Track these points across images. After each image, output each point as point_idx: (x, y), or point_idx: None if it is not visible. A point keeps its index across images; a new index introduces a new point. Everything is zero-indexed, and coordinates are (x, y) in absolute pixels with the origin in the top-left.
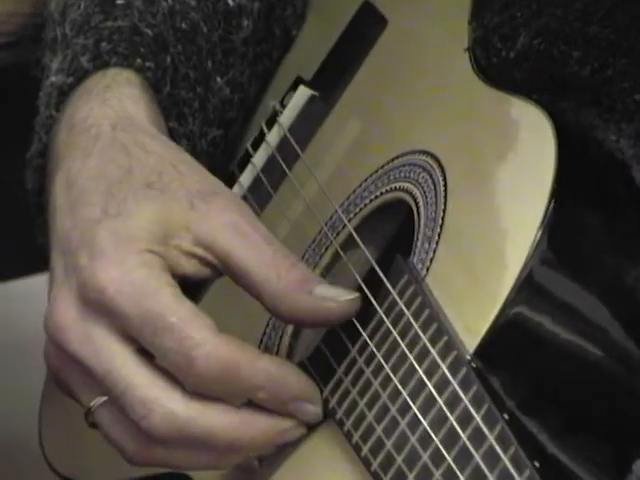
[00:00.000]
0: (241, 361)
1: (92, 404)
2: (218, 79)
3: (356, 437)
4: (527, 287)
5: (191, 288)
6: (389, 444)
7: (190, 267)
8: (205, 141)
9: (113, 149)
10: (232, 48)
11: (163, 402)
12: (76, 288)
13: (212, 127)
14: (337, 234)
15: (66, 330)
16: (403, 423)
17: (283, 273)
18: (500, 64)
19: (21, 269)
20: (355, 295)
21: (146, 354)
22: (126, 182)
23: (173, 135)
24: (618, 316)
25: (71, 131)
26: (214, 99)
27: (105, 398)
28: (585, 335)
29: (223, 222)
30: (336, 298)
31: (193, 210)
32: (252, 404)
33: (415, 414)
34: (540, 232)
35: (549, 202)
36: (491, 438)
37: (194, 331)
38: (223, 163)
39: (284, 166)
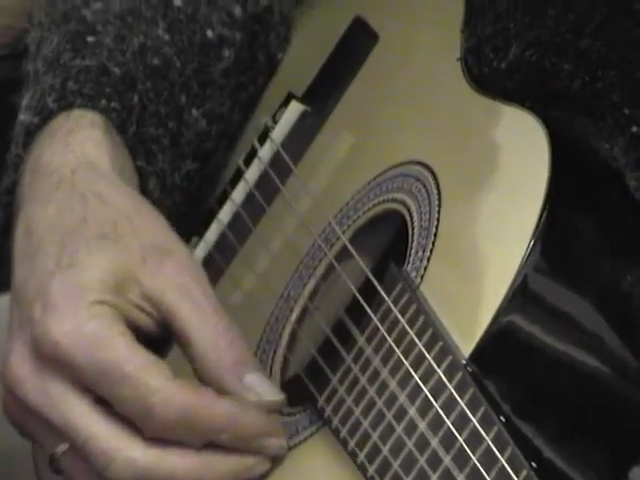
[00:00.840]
0: (200, 405)
1: (55, 451)
2: (194, 111)
3: (352, 444)
4: (521, 294)
5: None
6: (385, 449)
7: (140, 319)
8: (178, 175)
9: (71, 197)
10: (210, 80)
11: (123, 452)
12: (30, 341)
13: (186, 160)
14: (331, 246)
15: (22, 383)
16: (399, 428)
17: (221, 346)
18: (492, 74)
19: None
20: (280, 397)
21: (104, 403)
22: (79, 232)
23: (141, 173)
24: (612, 323)
25: (35, 175)
26: (188, 132)
27: (67, 446)
28: (579, 342)
29: (173, 283)
30: (259, 395)
31: (144, 265)
32: (214, 444)
33: (411, 419)
34: (533, 240)
35: (542, 210)
36: (488, 439)
37: (150, 378)
38: (204, 194)
39: (277, 181)
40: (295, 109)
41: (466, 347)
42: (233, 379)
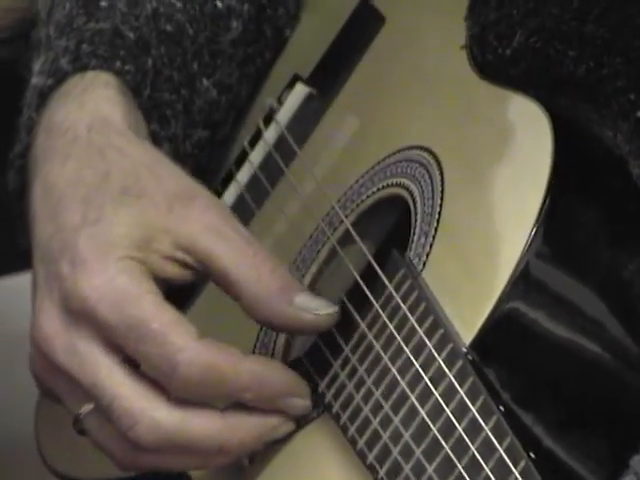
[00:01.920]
0: (224, 364)
1: (80, 412)
2: (204, 81)
3: (352, 430)
4: (523, 281)
5: (182, 292)
6: (385, 437)
7: (172, 271)
8: (190, 143)
9: (90, 153)
10: (219, 50)
11: (148, 412)
12: (59, 298)
13: (197, 129)
14: (334, 230)
15: (51, 341)
16: (399, 416)
17: (263, 276)
18: (496, 62)
19: (16, 264)
20: (334, 309)
21: (132, 363)
22: (103, 187)
23: (155, 138)
24: (614, 310)
25: (49, 134)
26: (199, 101)
27: (92, 406)
28: (581, 330)
29: (202, 224)
30: (314, 311)
31: (171, 213)
32: (239, 405)
33: (411, 407)
34: (536, 227)
35: (545, 197)
36: (487, 429)
37: (176, 337)
38: (214, 164)
39: (281, 163)
40: (300, 91)
41: (467, 335)
42: (283, 305)
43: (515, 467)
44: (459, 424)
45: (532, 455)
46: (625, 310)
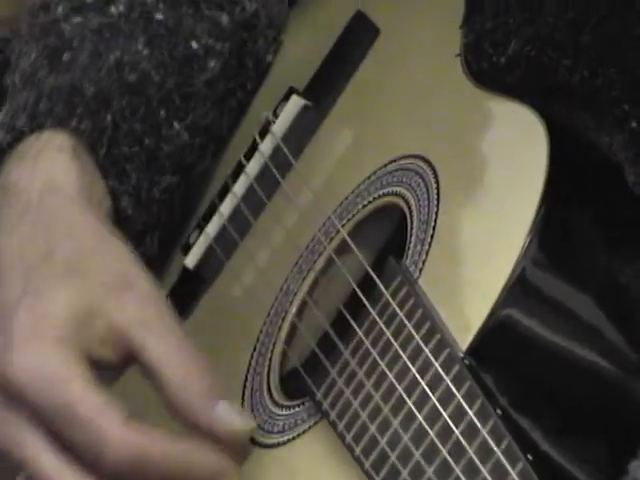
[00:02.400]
0: (152, 449)
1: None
2: (175, 125)
3: (349, 437)
4: (518, 288)
5: (180, 302)
6: (382, 442)
7: (106, 354)
8: (157, 190)
9: (35, 229)
10: (193, 92)
11: None
12: None
13: (165, 175)
14: (331, 240)
15: None
16: (397, 421)
17: (189, 380)
18: (491, 70)
19: None
20: (253, 424)
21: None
22: (44, 267)
23: (114, 193)
24: (611, 316)
25: (5, 193)
26: (168, 147)
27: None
28: (577, 335)
29: (137, 317)
30: (232, 425)
31: (109, 299)
32: None
33: (408, 411)
34: (531, 234)
35: (540, 204)
36: (484, 432)
37: (103, 423)
38: (190, 203)
39: (277, 175)
40: (296, 103)
41: (463, 340)
42: (205, 412)
43: (513, 469)
44: (456, 428)
45: (530, 457)
46: (621, 316)
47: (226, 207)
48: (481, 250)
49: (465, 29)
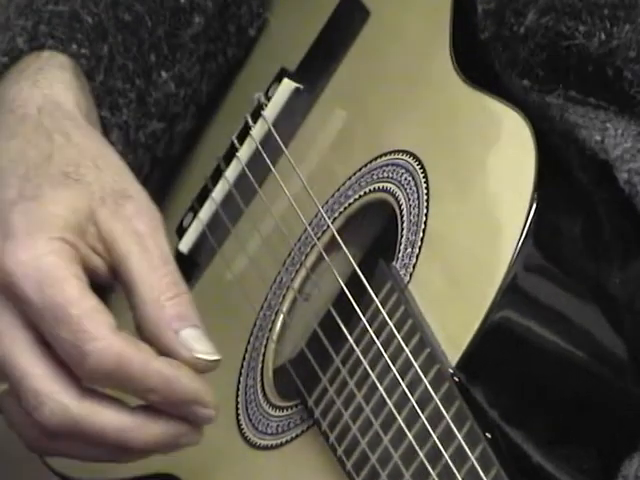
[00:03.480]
0: (134, 361)
1: None
2: (163, 73)
3: (340, 451)
4: (511, 293)
5: None
6: (373, 459)
7: (95, 262)
8: (143, 133)
9: (37, 133)
10: (179, 44)
11: (55, 396)
12: None
13: (152, 120)
14: (322, 233)
15: None
16: (387, 437)
17: (163, 300)
18: (510, 39)
19: None
20: (213, 358)
21: (49, 345)
22: (44, 168)
23: (105, 124)
24: (604, 321)
25: (2, 106)
26: (156, 93)
27: (6, 386)
28: (570, 340)
29: (127, 227)
30: (193, 351)
31: (103, 206)
32: (150, 407)
33: (399, 429)
34: (522, 239)
35: (530, 208)
36: (473, 458)
37: (92, 326)
38: (169, 160)
39: (268, 161)
40: (287, 87)
41: (454, 353)
42: (169, 333)
43: None
44: (445, 451)
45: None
46: (615, 320)
47: (218, 192)
48: (472, 255)
49: None
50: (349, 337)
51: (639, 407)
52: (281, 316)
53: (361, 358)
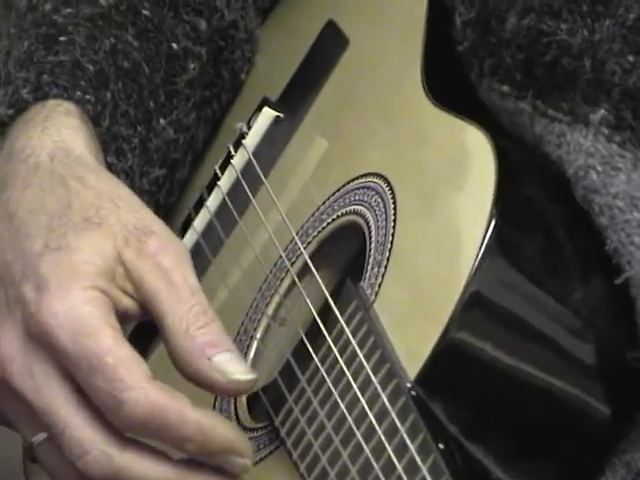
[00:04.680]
0: (170, 410)
1: (33, 440)
2: (161, 120)
3: (302, 468)
4: (469, 309)
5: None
6: (332, 474)
7: (126, 303)
8: (147, 180)
9: (52, 181)
10: (176, 90)
11: (99, 445)
12: (20, 320)
13: (154, 167)
14: (296, 258)
15: (8, 362)
16: (346, 453)
17: (192, 330)
18: (495, 45)
19: None
20: (249, 377)
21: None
22: (65, 216)
23: (112, 170)
24: (562, 339)
25: (9, 160)
26: (157, 139)
27: (45, 435)
28: (528, 358)
29: (153, 263)
30: (228, 374)
31: (127, 246)
32: (191, 461)
33: (357, 444)
34: (481, 254)
35: (488, 224)
36: (424, 470)
37: (127, 375)
38: (173, 203)
39: (248, 191)
40: (267, 115)
41: (413, 368)
42: (202, 360)
43: None
44: (399, 464)
45: None
46: (573, 338)
47: (200, 222)
48: (434, 272)
49: (463, 7)
50: (314, 357)
51: (603, 423)
52: (255, 343)
53: (325, 377)
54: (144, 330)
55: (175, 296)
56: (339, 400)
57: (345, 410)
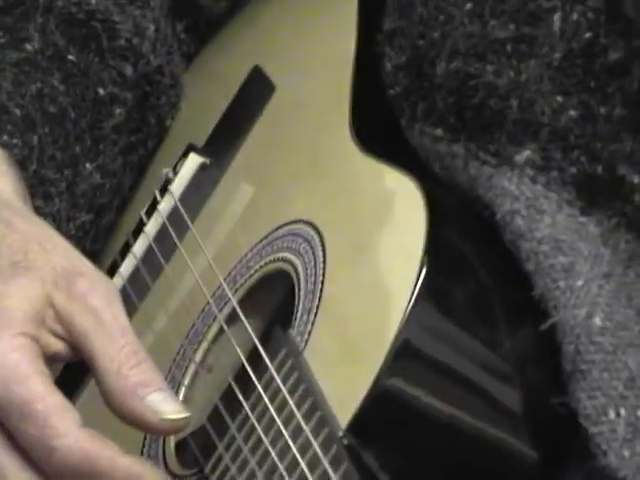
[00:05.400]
0: (101, 457)
1: None
2: (87, 165)
3: None
4: (400, 357)
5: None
6: None
7: (56, 346)
8: (73, 225)
9: None
10: (102, 135)
11: None
12: None
13: (81, 212)
14: (224, 305)
15: None
16: None
17: (124, 370)
18: (427, 89)
19: None
20: (182, 416)
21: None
22: None
23: (39, 214)
24: (494, 385)
25: None
26: (83, 184)
27: None
28: (460, 404)
29: (83, 305)
30: (162, 414)
31: (57, 288)
32: None
33: None
34: (412, 302)
35: (419, 273)
36: None
37: (58, 422)
38: (99, 249)
39: (174, 237)
40: (194, 161)
41: (344, 416)
42: (134, 401)
43: None
44: None
45: None
46: (503, 384)
47: (126, 268)
48: (364, 320)
49: (393, 52)
50: (244, 404)
51: (533, 468)
52: (183, 390)
53: (256, 424)
54: (73, 370)
55: (106, 336)
56: (270, 448)
57: (276, 458)
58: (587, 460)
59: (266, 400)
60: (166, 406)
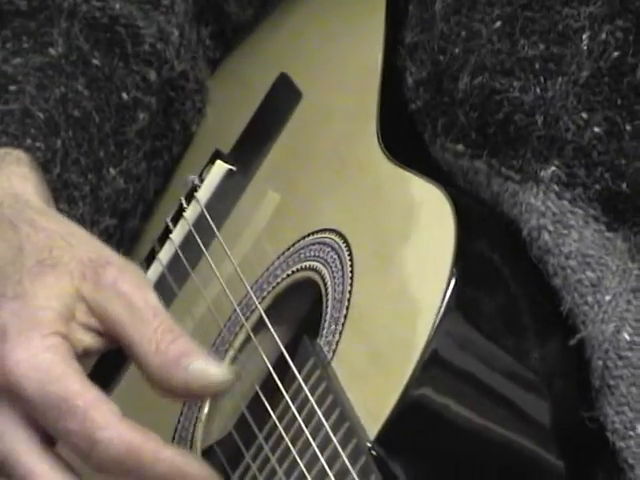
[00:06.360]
0: (144, 449)
1: None
2: (111, 170)
3: None
4: (429, 368)
5: (106, 373)
6: None
7: (90, 340)
8: (97, 229)
9: (2, 226)
10: (126, 140)
11: None
12: None
13: (105, 216)
14: (251, 312)
15: None
16: None
17: (162, 347)
18: (448, 105)
19: None
20: (228, 377)
21: (50, 442)
22: (19, 262)
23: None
24: (523, 396)
25: None
26: (107, 189)
27: None
28: (489, 417)
29: (114, 292)
30: (208, 377)
31: (85, 280)
32: None
33: None
34: (441, 313)
35: (448, 283)
36: None
37: (98, 415)
38: (123, 254)
39: (200, 244)
40: (220, 169)
41: (373, 427)
42: (179, 372)
43: None
44: None
45: None
46: (533, 394)
47: (152, 274)
48: (392, 331)
49: (414, 67)
50: (272, 414)
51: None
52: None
53: (283, 434)
54: (105, 364)
55: (139, 320)
56: (298, 458)
57: (304, 469)
58: (614, 474)
59: (294, 409)
60: (212, 369)
